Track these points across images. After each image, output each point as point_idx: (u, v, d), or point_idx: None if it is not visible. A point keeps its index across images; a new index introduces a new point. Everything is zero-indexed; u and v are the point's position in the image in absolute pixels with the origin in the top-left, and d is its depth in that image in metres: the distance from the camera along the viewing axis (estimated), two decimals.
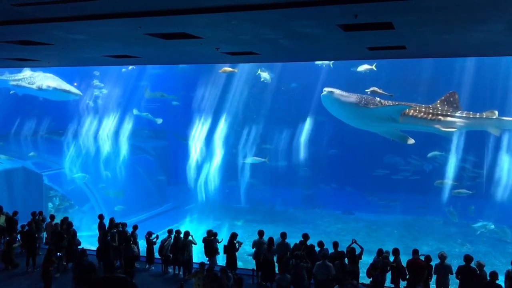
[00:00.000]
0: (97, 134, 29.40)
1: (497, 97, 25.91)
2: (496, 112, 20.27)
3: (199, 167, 29.73)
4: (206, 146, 29.63)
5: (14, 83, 26.58)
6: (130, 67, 30.91)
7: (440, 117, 20.29)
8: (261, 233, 12.70)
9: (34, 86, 25.99)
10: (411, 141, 21.14)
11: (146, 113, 30.08)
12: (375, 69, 23.61)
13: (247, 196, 29.90)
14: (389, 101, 19.92)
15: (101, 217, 14.79)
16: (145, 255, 13.70)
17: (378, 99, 19.73)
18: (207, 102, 30.21)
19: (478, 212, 25.52)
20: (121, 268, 13.01)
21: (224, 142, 29.81)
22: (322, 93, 19.50)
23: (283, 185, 30.11)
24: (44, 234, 14.88)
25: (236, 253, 12.65)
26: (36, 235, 14.01)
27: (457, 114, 20.41)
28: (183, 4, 6.85)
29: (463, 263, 10.68)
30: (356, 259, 11.30)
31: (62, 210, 26.56)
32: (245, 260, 17.07)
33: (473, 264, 10.64)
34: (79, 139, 29.37)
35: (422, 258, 11.30)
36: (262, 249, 12.29)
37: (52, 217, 14.89)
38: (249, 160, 28.30)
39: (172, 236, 13.35)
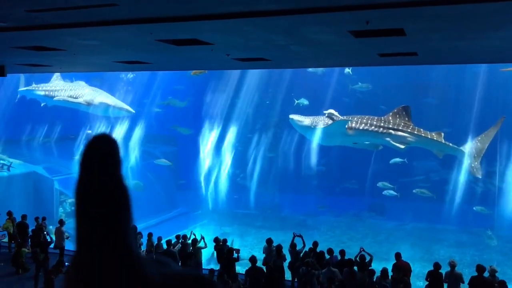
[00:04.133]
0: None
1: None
2: (442, 134, 20.98)
3: (209, 173, 29.73)
4: (216, 151, 29.62)
5: (60, 98, 25.78)
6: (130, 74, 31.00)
7: (390, 131, 21.25)
8: (269, 241, 12.67)
9: (81, 101, 25.33)
10: (380, 147, 22.91)
11: (184, 128, 30.12)
12: (351, 73, 25.77)
13: (257, 202, 29.83)
14: (344, 118, 22.02)
15: None
16: None
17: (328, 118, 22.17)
18: (217, 108, 30.23)
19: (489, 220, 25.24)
20: None
21: (233, 147, 29.80)
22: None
23: (293, 191, 29.99)
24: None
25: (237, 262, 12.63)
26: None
27: (408, 129, 21.36)
28: (194, 10, 6.88)
29: (475, 273, 10.55)
30: (365, 266, 11.22)
31: (73, 215, 26.66)
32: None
33: (486, 274, 10.50)
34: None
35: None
36: (272, 256, 12.25)
37: (61, 222, 14.95)
38: (159, 161, 29.00)
39: (180, 241, 13.34)
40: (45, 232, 14.57)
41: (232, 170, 29.98)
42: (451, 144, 21.48)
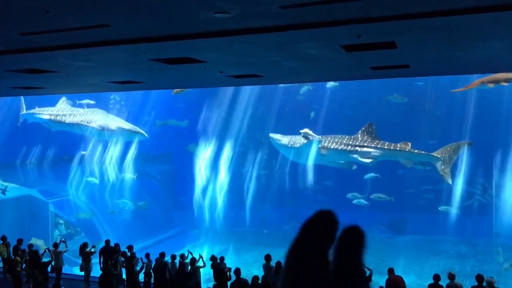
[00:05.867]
0: (103, 159, 29.28)
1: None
2: (409, 144, 21.96)
3: (205, 191, 29.58)
4: (211, 169, 29.53)
5: (73, 122, 25.24)
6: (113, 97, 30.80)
7: (357, 148, 22.49)
8: (268, 258, 12.57)
9: (94, 125, 24.98)
10: (354, 166, 23.69)
11: (193, 145, 29.98)
12: (337, 85, 25.94)
13: (254, 219, 29.64)
14: (318, 137, 23.13)
15: (107, 242, 14.68)
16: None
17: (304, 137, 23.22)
18: (211, 126, 30.22)
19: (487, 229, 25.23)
20: None
21: (229, 165, 29.71)
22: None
23: (290, 206, 29.83)
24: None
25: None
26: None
27: (372, 144, 22.42)
28: (186, 29, 6.92)
29: (476, 283, 10.50)
30: (366, 281, 11.14)
31: (69, 237, 26.44)
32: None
33: (485, 283, 10.46)
34: (85, 165, 29.32)
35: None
36: (271, 273, 12.13)
37: (56, 245, 14.74)
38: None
39: (177, 261, 13.20)
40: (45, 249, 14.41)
41: (229, 188, 29.84)
42: (416, 151, 21.99)
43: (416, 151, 21.92)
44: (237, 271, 11.59)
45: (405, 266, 21.25)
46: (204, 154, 29.33)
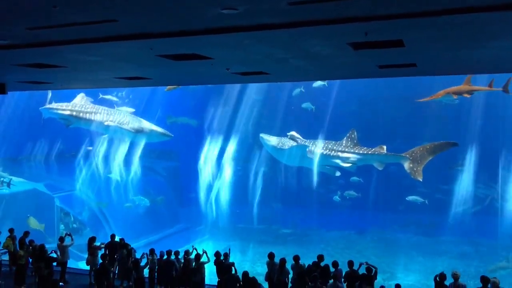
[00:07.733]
0: (108, 154, 29.31)
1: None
2: (385, 148, 23.10)
3: (210, 188, 29.62)
4: (217, 166, 29.55)
5: (110, 123, 25.39)
6: (115, 94, 30.67)
7: (338, 153, 23.63)
8: (271, 256, 12.59)
9: (127, 127, 25.40)
10: (338, 173, 24.60)
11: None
12: (326, 85, 26.33)
13: (259, 216, 29.65)
14: (305, 141, 24.13)
15: (112, 237, 14.73)
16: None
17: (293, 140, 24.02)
18: (218, 123, 30.22)
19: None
20: None
21: (235, 162, 29.72)
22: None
23: (295, 205, 29.82)
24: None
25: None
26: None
27: (351, 150, 23.60)
28: (194, 25, 6.91)
29: (480, 284, 10.47)
30: (371, 279, 11.13)
31: (74, 232, 26.59)
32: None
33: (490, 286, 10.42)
34: (91, 160, 29.41)
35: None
36: (275, 270, 12.13)
37: (62, 239, 14.80)
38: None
39: (181, 257, 13.24)
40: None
41: (234, 184, 29.85)
42: (384, 153, 23.01)
43: (384, 153, 22.91)
44: (232, 266, 11.89)
45: (407, 266, 21.25)
46: (209, 151, 29.35)
